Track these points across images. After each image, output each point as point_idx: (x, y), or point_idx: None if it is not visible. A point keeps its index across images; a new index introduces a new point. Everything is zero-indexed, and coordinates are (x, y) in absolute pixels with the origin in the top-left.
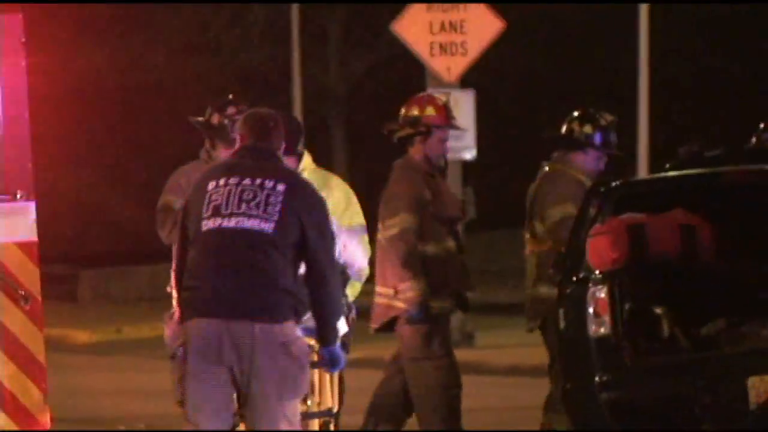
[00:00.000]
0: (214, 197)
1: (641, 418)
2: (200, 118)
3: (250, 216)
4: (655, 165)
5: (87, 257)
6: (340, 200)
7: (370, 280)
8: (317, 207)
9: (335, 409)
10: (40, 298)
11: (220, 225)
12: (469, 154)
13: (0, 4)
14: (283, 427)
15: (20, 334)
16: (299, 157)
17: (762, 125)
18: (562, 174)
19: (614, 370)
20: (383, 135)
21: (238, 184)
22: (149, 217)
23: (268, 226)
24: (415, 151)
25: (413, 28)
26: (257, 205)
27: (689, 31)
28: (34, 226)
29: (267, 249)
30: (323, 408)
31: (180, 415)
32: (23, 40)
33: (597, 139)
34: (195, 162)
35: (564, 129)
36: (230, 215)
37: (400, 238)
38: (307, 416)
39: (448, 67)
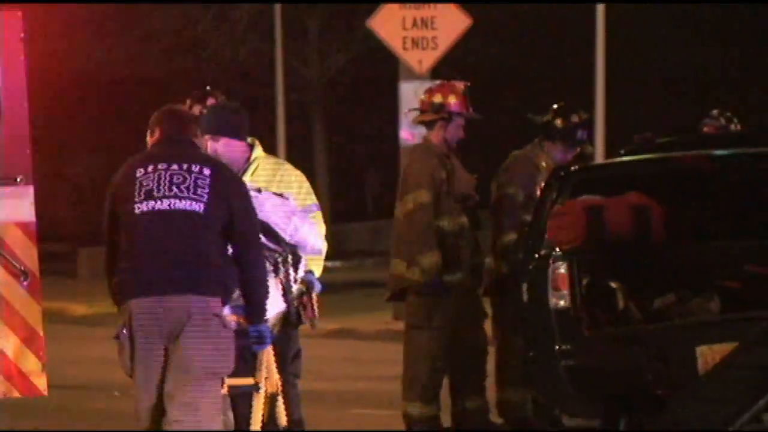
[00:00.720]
0: (144, 183)
1: (598, 384)
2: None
3: (181, 198)
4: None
5: (85, 236)
6: (292, 184)
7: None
8: (241, 189)
9: (271, 388)
10: (38, 275)
11: (153, 207)
12: None
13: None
14: (206, 396)
15: (20, 308)
16: (251, 146)
17: (713, 113)
18: (524, 157)
19: (573, 339)
20: (357, 122)
21: (166, 170)
22: None
23: (198, 207)
24: (435, 135)
25: (387, 25)
26: (187, 188)
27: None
28: (32, 208)
29: (199, 228)
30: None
31: None
32: (22, 35)
33: (568, 132)
34: None
35: (543, 119)
36: (162, 197)
37: (416, 213)
38: (237, 389)
39: (420, 60)
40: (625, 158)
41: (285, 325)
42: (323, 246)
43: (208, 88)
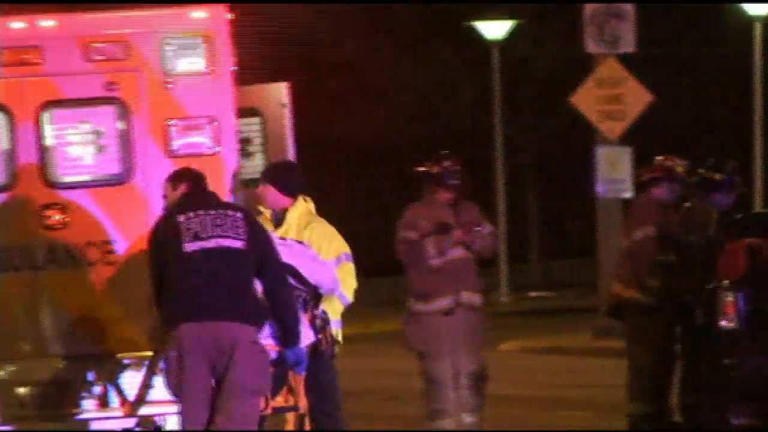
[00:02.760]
0: (189, 226)
1: (759, 391)
2: (422, 169)
3: (224, 237)
4: None
5: None
6: (323, 236)
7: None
8: (265, 231)
9: (302, 409)
10: None
11: (202, 246)
12: (627, 194)
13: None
14: (254, 412)
15: None
16: (294, 200)
17: None
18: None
19: (738, 355)
20: (561, 179)
21: (205, 214)
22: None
23: (240, 244)
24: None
25: (585, 101)
26: (228, 228)
27: None
28: None
29: (240, 263)
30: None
31: None
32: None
33: (727, 182)
34: (419, 201)
35: (698, 174)
36: (209, 237)
37: (643, 244)
38: (280, 411)
39: (612, 129)
40: None
41: (314, 355)
42: (343, 293)
43: (446, 152)
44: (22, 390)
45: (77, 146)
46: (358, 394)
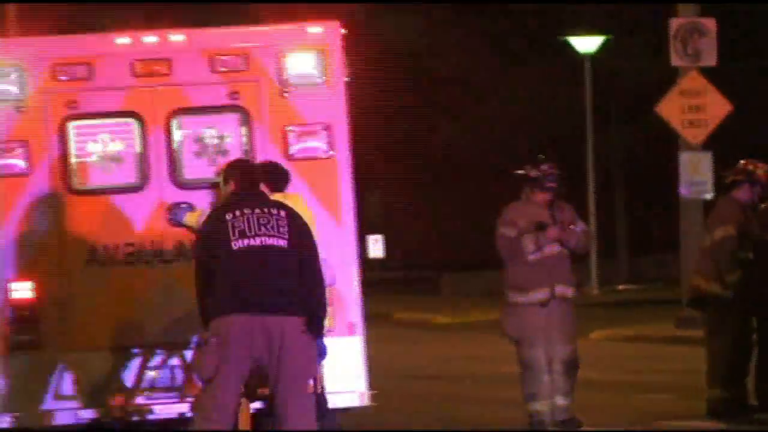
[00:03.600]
0: (236, 224)
1: None
2: (521, 172)
3: (269, 235)
4: None
5: (446, 264)
6: None
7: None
8: (307, 227)
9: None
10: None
11: (248, 243)
12: (708, 195)
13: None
14: (308, 393)
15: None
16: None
17: None
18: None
19: None
20: (648, 181)
21: (252, 213)
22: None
23: (283, 243)
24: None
25: (670, 110)
26: (272, 227)
27: None
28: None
29: (284, 260)
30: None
31: None
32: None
33: None
34: (518, 201)
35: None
36: (254, 236)
37: (722, 244)
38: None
39: (695, 136)
40: None
41: None
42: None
43: (543, 156)
44: (151, 373)
45: (203, 150)
46: (456, 378)
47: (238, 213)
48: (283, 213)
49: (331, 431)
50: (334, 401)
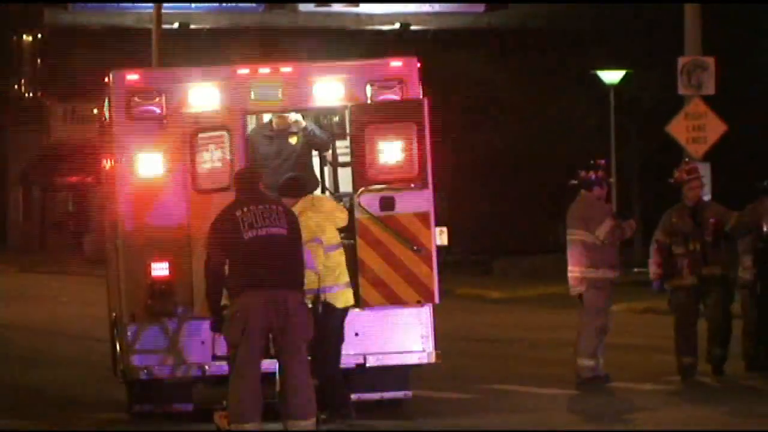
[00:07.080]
0: (245, 219)
1: None
2: (582, 174)
3: (273, 226)
4: None
5: (497, 248)
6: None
7: None
8: (296, 219)
9: None
10: (430, 247)
11: (257, 233)
12: (707, 198)
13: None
14: (305, 352)
15: (413, 267)
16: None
17: None
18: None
19: None
20: (658, 188)
21: (256, 208)
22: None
23: (284, 231)
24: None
25: (678, 129)
26: (274, 219)
27: None
28: (429, 204)
29: (286, 245)
30: None
31: None
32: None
33: None
34: (579, 198)
35: None
36: (261, 227)
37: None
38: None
39: (697, 150)
40: None
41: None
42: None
43: (594, 161)
44: None
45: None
46: (508, 342)
47: (245, 209)
48: (280, 208)
49: (342, 403)
50: (407, 359)
